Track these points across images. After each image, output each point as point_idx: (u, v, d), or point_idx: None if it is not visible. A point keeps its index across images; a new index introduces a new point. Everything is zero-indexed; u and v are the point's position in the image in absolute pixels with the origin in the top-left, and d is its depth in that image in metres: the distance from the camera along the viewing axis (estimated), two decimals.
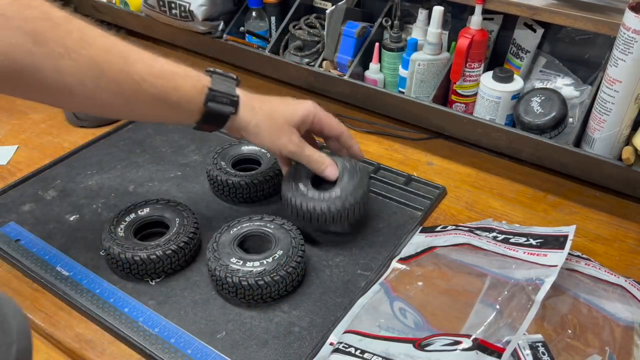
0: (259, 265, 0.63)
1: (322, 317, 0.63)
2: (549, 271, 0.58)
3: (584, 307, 0.60)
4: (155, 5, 1.05)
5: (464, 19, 0.95)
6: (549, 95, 0.82)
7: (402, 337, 0.57)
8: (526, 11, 0.82)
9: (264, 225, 0.68)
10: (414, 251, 0.69)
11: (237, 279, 0.62)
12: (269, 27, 1.12)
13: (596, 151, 0.78)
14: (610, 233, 0.77)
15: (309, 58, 1.03)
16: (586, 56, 0.89)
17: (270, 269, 0.63)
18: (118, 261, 0.66)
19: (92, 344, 0.62)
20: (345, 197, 0.68)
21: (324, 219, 0.68)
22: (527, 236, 0.66)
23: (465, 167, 0.90)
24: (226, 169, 0.80)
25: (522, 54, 0.91)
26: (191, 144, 0.93)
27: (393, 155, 0.92)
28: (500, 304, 0.57)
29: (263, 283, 0.62)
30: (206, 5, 1.02)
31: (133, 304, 0.65)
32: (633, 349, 0.56)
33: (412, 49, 0.92)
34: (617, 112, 0.74)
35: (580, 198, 0.83)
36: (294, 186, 0.70)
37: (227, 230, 0.68)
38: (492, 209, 0.81)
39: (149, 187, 0.83)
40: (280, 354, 0.59)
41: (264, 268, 0.63)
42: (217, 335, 0.61)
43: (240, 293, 0.63)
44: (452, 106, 0.92)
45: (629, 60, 0.70)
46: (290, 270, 0.63)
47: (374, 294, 0.64)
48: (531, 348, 0.55)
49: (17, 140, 0.96)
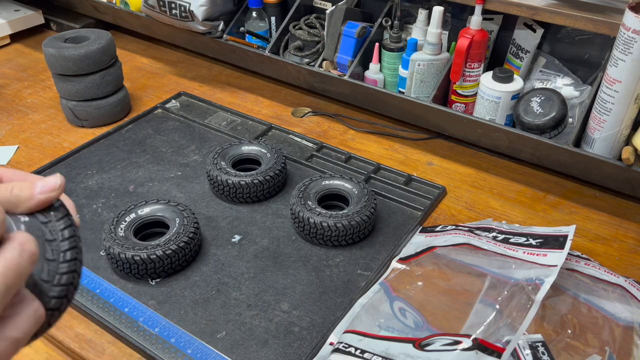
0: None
1: (322, 317, 0.63)
2: (549, 271, 0.58)
3: (583, 307, 0.60)
4: (155, 5, 1.05)
5: (464, 19, 0.95)
6: (548, 95, 0.82)
7: (402, 337, 0.57)
8: (526, 11, 0.83)
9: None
10: (414, 251, 0.69)
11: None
12: (269, 27, 1.12)
13: (596, 151, 0.78)
14: (610, 233, 0.77)
15: (309, 58, 1.03)
16: (586, 56, 0.89)
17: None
18: (118, 261, 0.66)
19: (92, 344, 0.62)
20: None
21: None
22: (527, 236, 0.66)
23: (465, 167, 0.90)
24: (226, 169, 0.80)
25: (522, 54, 0.91)
26: (191, 144, 0.93)
27: (393, 155, 0.92)
28: (500, 303, 0.57)
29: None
30: (206, 5, 1.02)
31: (133, 304, 0.65)
32: (633, 348, 0.56)
33: (412, 49, 0.92)
34: (616, 112, 0.74)
35: (580, 198, 0.83)
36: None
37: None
38: (492, 209, 0.81)
39: (149, 187, 0.84)
40: (280, 354, 0.60)
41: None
42: (217, 335, 0.61)
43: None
44: (452, 106, 0.92)
45: (629, 60, 0.70)
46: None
47: (374, 293, 0.64)
48: (531, 348, 0.55)
49: (17, 140, 0.96)
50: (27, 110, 1.04)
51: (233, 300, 0.65)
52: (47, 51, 0.93)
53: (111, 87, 0.98)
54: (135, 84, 1.13)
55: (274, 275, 0.69)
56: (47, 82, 1.14)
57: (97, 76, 0.96)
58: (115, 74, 0.99)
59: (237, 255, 0.72)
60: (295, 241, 0.74)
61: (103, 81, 0.96)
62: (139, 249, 0.66)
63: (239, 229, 0.76)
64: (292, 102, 1.06)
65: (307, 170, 0.87)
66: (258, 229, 0.75)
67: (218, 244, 0.73)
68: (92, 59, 0.94)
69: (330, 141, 0.94)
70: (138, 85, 1.12)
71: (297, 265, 0.70)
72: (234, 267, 0.70)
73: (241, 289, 0.67)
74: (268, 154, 0.83)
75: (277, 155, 0.82)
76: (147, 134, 0.96)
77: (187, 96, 1.07)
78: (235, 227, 0.76)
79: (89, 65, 0.94)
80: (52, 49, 0.93)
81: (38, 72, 1.18)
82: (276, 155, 0.82)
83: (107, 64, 0.96)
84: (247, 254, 0.72)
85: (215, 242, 0.73)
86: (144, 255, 0.66)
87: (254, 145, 0.84)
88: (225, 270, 0.69)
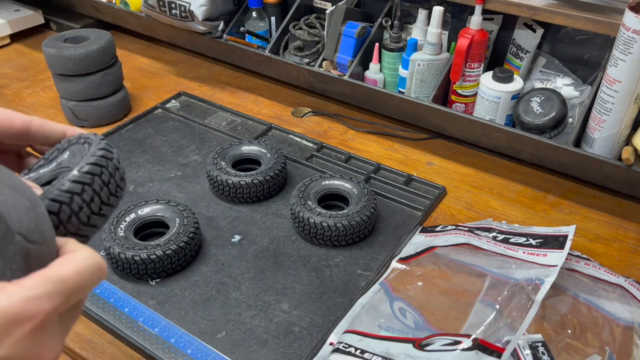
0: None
1: (322, 317, 0.63)
2: (549, 271, 0.58)
3: (583, 307, 0.60)
4: (155, 5, 1.05)
5: (464, 19, 0.95)
6: (548, 96, 0.82)
7: (402, 337, 0.57)
8: (526, 11, 0.82)
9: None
10: (414, 251, 0.69)
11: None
12: (269, 27, 1.12)
13: (596, 151, 0.78)
14: (610, 233, 0.77)
15: (309, 58, 1.03)
16: (586, 56, 0.89)
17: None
18: (118, 261, 0.66)
19: (92, 344, 0.62)
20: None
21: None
22: (526, 236, 0.66)
23: (465, 167, 0.90)
24: (226, 169, 0.80)
25: (522, 54, 0.91)
26: (191, 144, 0.93)
27: (393, 155, 0.92)
28: (500, 303, 0.57)
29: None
30: (206, 5, 1.02)
31: (133, 304, 0.65)
32: (633, 348, 0.56)
33: (412, 49, 0.92)
34: (616, 112, 0.74)
35: (580, 198, 0.83)
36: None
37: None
38: (491, 209, 0.81)
39: (149, 187, 0.84)
40: (280, 354, 0.60)
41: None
42: (217, 335, 0.61)
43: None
44: (452, 106, 0.92)
45: (629, 60, 0.70)
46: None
47: (374, 293, 0.64)
48: (531, 348, 0.55)
49: None
50: (27, 111, 1.04)
51: (233, 300, 0.65)
52: (47, 51, 0.93)
53: (111, 87, 0.98)
54: (135, 84, 1.13)
55: (274, 275, 0.69)
56: (47, 82, 1.14)
57: (97, 76, 0.96)
58: (115, 74, 0.99)
59: (237, 255, 0.72)
60: (295, 241, 0.74)
61: (103, 81, 0.96)
62: (139, 249, 0.66)
63: (239, 229, 0.76)
64: (292, 102, 1.06)
65: (307, 170, 0.87)
66: (258, 229, 0.75)
67: (218, 244, 0.73)
68: (92, 59, 0.94)
69: (330, 141, 0.94)
70: (138, 85, 1.12)
71: (297, 265, 0.70)
72: (234, 267, 0.70)
73: (241, 289, 0.67)
74: (268, 154, 0.83)
75: (277, 155, 0.82)
76: (147, 134, 0.96)
77: (187, 96, 1.07)
78: (235, 227, 0.76)
79: (89, 65, 0.94)
80: (52, 49, 0.93)
81: (38, 72, 1.18)
82: (276, 155, 0.82)
83: (107, 64, 0.96)
84: (247, 254, 0.72)
85: (215, 242, 0.73)
86: (144, 255, 0.66)
87: (254, 145, 0.84)
88: (225, 270, 0.69)
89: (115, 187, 0.38)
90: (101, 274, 0.33)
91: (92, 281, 0.32)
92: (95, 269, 0.32)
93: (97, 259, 0.33)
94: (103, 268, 0.33)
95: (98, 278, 0.33)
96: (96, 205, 0.36)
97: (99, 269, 0.33)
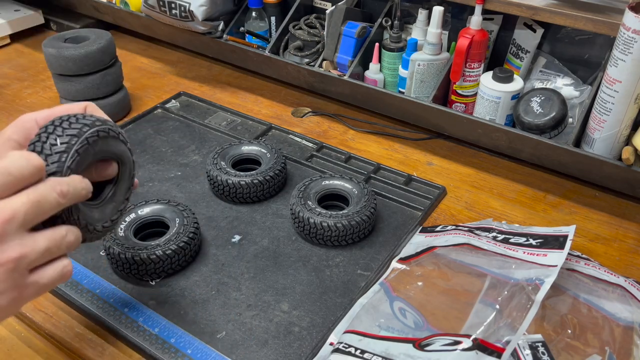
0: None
1: (322, 317, 0.63)
2: (549, 271, 0.58)
3: (583, 307, 0.60)
4: (155, 5, 1.05)
5: (464, 19, 0.95)
6: (548, 95, 0.82)
7: (402, 337, 0.57)
8: (526, 11, 0.83)
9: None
10: (414, 251, 0.69)
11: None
12: (269, 27, 1.12)
13: (596, 151, 0.78)
14: (610, 233, 0.77)
15: (309, 58, 1.03)
16: (586, 56, 0.89)
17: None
18: (118, 261, 0.66)
19: (92, 344, 0.62)
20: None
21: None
22: (527, 236, 0.66)
23: (465, 167, 0.90)
24: (226, 169, 0.80)
25: (522, 54, 0.91)
26: (191, 144, 0.93)
27: (393, 155, 0.92)
28: (500, 304, 0.57)
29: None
30: (206, 5, 1.02)
31: (133, 304, 0.65)
32: (633, 348, 0.56)
33: (412, 49, 0.92)
34: (617, 112, 0.74)
35: (580, 198, 0.83)
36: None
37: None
38: (492, 209, 0.81)
39: (149, 187, 0.84)
40: (280, 354, 0.60)
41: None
42: (217, 335, 0.61)
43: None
44: (452, 106, 0.92)
45: (629, 60, 0.70)
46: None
47: (374, 293, 0.64)
48: (531, 348, 0.55)
49: None
50: (27, 110, 1.04)
51: (233, 300, 0.65)
52: (47, 51, 0.93)
53: (111, 87, 0.98)
54: (135, 84, 1.13)
55: (274, 275, 0.69)
56: (47, 82, 1.14)
57: (97, 76, 0.96)
58: (115, 74, 0.99)
59: (237, 255, 0.72)
60: (295, 241, 0.74)
61: (103, 81, 0.96)
62: (139, 249, 0.66)
63: (239, 229, 0.76)
64: (292, 102, 1.06)
65: (307, 170, 0.87)
66: (258, 229, 0.75)
67: (218, 244, 0.73)
68: (92, 59, 0.94)
69: (330, 141, 0.94)
70: (138, 85, 1.12)
71: (297, 265, 0.70)
72: (234, 267, 0.70)
73: (241, 289, 0.67)
74: (268, 154, 0.83)
75: (277, 155, 0.82)
76: (147, 134, 0.96)
77: (187, 96, 1.07)
78: (235, 227, 0.76)
79: (88, 65, 0.94)
80: (52, 49, 0.93)
81: (38, 72, 1.18)
82: (276, 155, 0.82)
83: (107, 64, 0.96)
84: (247, 254, 0.72)
85: (215, 242, 0.73)
86: (144, 255, 0.66)
87: (254, 145, 0.84)
88: (225, 270, 0.69)
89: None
90: (26, 164, 0.40)
91: (19, 167, 0.40)
92: (18, 156, 0.40)
93: (24, 153, 0.40)
94: (31, 160, 0.41)
95: (23, 167, 0.40)
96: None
97: (21, 158, 0.40)
